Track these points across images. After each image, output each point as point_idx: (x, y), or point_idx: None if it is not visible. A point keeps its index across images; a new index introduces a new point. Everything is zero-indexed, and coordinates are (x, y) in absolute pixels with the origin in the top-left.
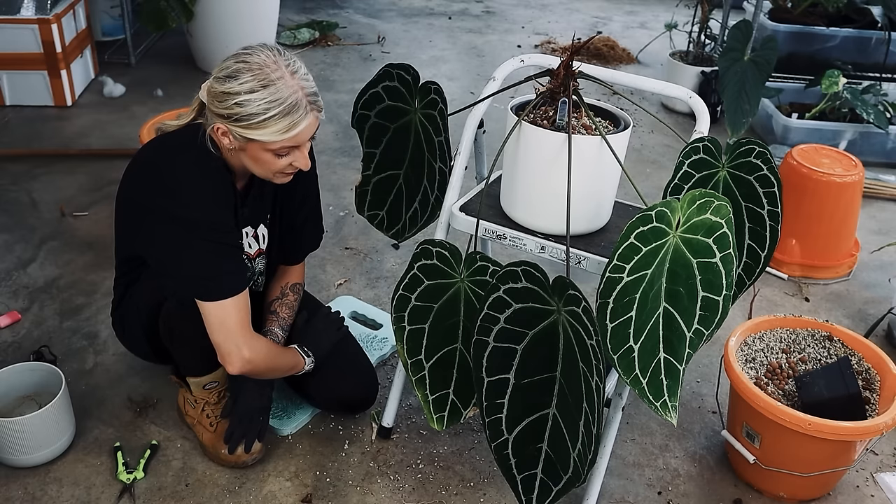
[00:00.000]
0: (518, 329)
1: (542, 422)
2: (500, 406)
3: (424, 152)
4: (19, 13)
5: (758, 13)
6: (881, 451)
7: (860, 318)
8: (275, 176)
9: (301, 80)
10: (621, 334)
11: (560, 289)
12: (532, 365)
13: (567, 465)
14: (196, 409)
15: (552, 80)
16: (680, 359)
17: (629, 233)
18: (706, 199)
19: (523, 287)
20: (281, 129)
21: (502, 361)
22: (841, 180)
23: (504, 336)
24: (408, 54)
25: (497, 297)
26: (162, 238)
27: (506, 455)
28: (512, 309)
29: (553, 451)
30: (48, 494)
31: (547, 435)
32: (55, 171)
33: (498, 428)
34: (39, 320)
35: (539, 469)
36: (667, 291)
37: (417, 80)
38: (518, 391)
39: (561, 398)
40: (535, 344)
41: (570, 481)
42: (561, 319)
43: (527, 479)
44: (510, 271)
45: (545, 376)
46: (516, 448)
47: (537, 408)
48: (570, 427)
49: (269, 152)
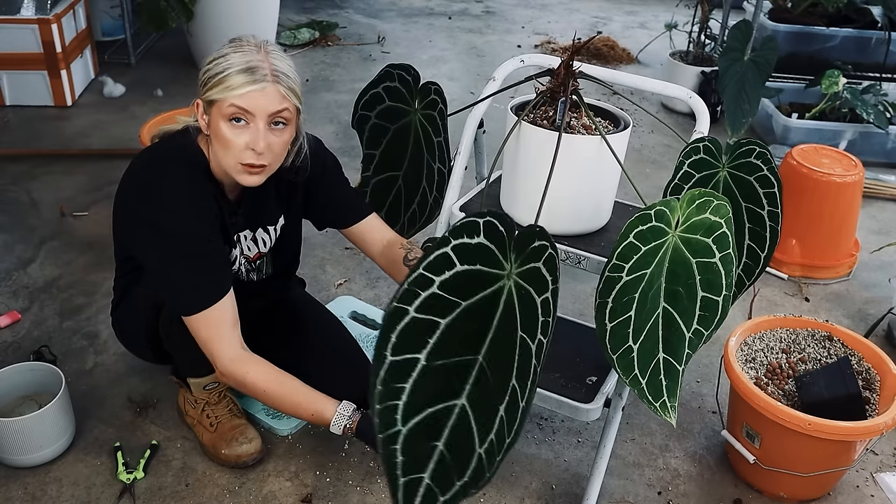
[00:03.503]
0: (451, 298)
1: (444, 414)
2: (398, 392)
3: (424, 153)
4: (19, 13)
5: (758, 13)
6: (881, 451)
7: (860, 318)
8: (237, 168)
9: (274, 60)
10: (620, 334)
11: (524, 242)
12: (453, 345)
13: (465, 468)
14: (196, 409)
15: (552, 80)
16: (679, 359)
17: (628, 232)
18: (705, 198)
19: (477, 244)
20: (233, 84)
21: (418, 338)
22: (841, 180)
23: (431, 306)
24: (408, 54)
25: (441, 255)
26: (141, 243)
27: (393, 451)
28: (454, 271)
29: (450, 451)
30: (48, 494)
31: (447, 431)
32: (55, 171)
33: (391, 417)
34: (39, 320)
35: (427, 474)
36: (666, 291)
37: (418, 81)
38: (426, 375)
39: (477, 384)
40: (464, 318)
41: (465, 487)
42: (508, 286)
43: (409, 485)
44: (470, 223)
45: (464, 359)
46: (407, 445)
47: (444, 397)
48: (484, 417)
49: (226, 122)
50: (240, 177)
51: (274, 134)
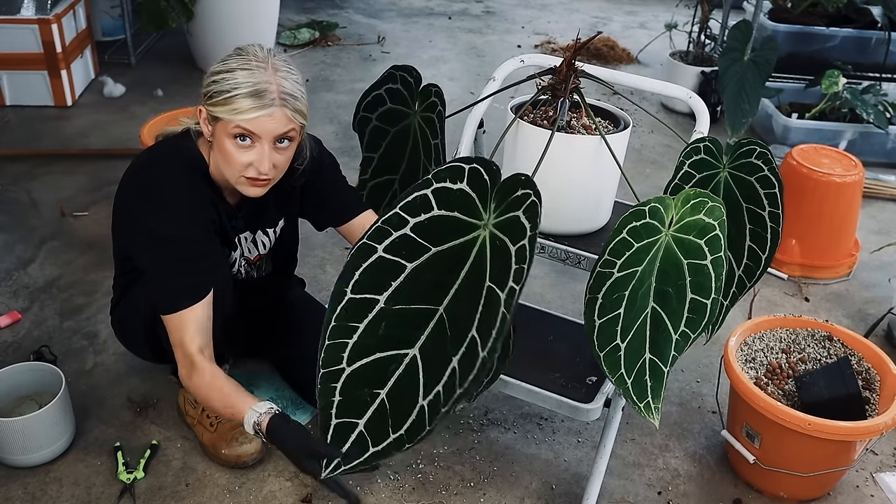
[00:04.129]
0: (422, 242)
1: (393, 362)
2: (351, 330)
3: (421, 156)
4: (19, 13)
5: (758, 13)
6: (881, 451)
7: (860, 318)
8: (240, 181)
9: (282, 78)
10: (608, 331)
11: (507, 191)
12: (416, 291)
13: (404, 421)
14: (196, 409)
15: (553, 79)
16: (665, 360)
17: (622, 227)
18: (700, 199)
19: (459, 190)
20: (241, 108)
21: (380, 279)
22: (841, 180)
23: (400, 247)
24: (408, 54)
25: (420, 197)
26: (134, 242)
27: (331, 389)
28: (429, 215)
29: (391, 402)
30: (48, 494)
31: (392, 380)
32: (55, 171)
33: (338, 354)
34: (39, 320)
35: (362, 420)
36: (656, 291)
37: (420, 83)
38: (381, 319)
39: (432, 336)
40: (431, 265)
41: (400, 441)
42: (482, 237)
43: (341, 428)
44: (455, 167)
45: (424, 307)
46: (347, 386)
47: (396, 344)
48: (434, 368)
49: (229, 139)
50: (242, 188)
51: (278, 151)
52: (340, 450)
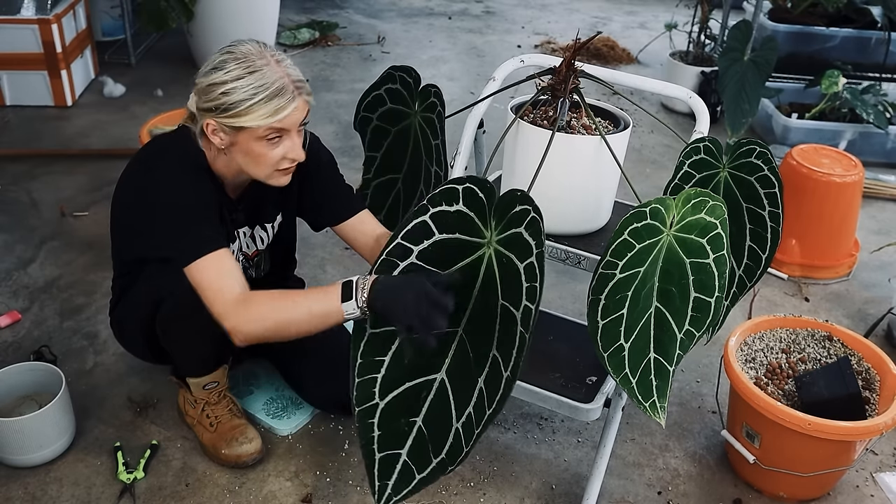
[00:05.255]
0: (429, 269)
1: (423, 389)
2: (377, 365)
3: (422, 156)
4: (19, 13)
5: (758, 13)
6: (881, 451)
7: (860, 318)
8: (273, 175)
9: (287, 67)
10: (612, 332)
11: (506, 208)
12: None
13: (442, 444)
14: (196, 409)
15: (553, 79)
16: (670, 359)
17: (623, 228)
18: (701, 198)
19: (456, 212)
20: (267, 112)
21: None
22: (841, 180)
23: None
24: (408, 54)
25: (420, 224)
26: (146, 227)
27: (369, 425)
28: (432, 240)
29: (428, 427)
30: (48, 494)
31: (425, 407)
32: (55, 171)
33: (369, 391)
34: (39, 320)
35: (404, 450)
36: (659, 290)
37: (419, 83)
38: (405, 347)
39: (456, 358)
40: (445, 290)
41: (443, 465)
42: (488, 255)
43: (386, 461)
44: (449, 189)
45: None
46: (384, 419)
47: (423, 371)
48: (462, 390)
49: (260, 141)
50: (274, 180)
51: (300, 136)
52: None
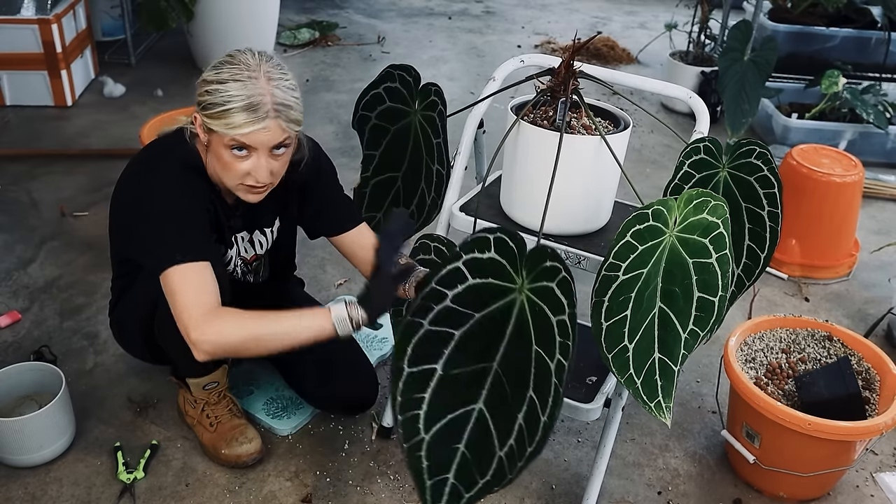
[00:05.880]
0: (464, 311)
1: (464, 419)
2: (419, 402)
3: (423, 154)
4: (19, 13)
5: (758, 13)
6: (881, 451)
7: (860, 318)
8: (239, 188)
9: (275, 87)
10: (616, 333)
11: (536, 260)
12: (467, 354)
13: (487, 468)
14: (196, 409)
15: (553, 80)
16: (675, 359)
17: (625, 231)
18: (703, 198)
19: (489, 259)
20: (235, 123)
21: (432, 349)
22: (841, 180)
23: (444, 318)
24: (408, 54)
25: (453, 270)
26: (135, 232)
27: (418, 458)
28: (465, 285)
29: (472, 453)
30: (48, 494)
31: (467, 434)
32: (55, 171)
33: (414, 426)
34: (39, 320)
35: (451, 474)
36: (662, 291)
37: (418, 82)
38: (444, 384)
39: (493, 391)
40: (478, 329)
41: (488, 485)
42: (520, 300)
43: (436, 486)
44: (481, 238)
45: (479, 367)
46: (431, 450)
47: (462, 403)
48: (502, 422)
49: (226, 149)
50: (241, 195)
51: (274, 159)
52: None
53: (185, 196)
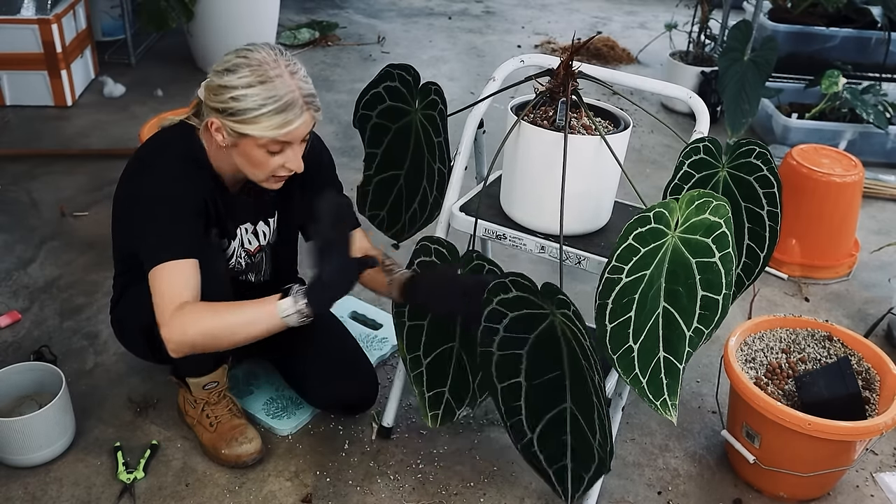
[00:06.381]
0: (519, 335)
1: (561, 416)
2: (517, 409)
3: (424, 153)
4: (19, 13)
5: (758, 13)
6: (881, 451)
7: (860, 318)
8: (267, 180)
9: (300, 80)
10: (620, 335)
11: (549, 294)
12: (540, 366)
13: (592, 455)
14: (196, 409)
15: (552, 80)
16: (680, 358)
17: (627, 234)
18: (705, 199)
19: (514, 296)
20: (274, 125)
21: (511, 367)
22: (841, 180)
23: (507, 343)
24: (408, 54)
25: (492, 311)
26: (135, 220)
27: (533, 453)
28: (508, 318)
29: (576, 443)
30: (48, 494)
31: (568, 427)
32: (55, 171)
33: (521, 429)
34: (39, 320)
35: (567, 460)
36: (666, 291)
37: (418, 81)
38: (532, 391)
39: (574, 392)
40: (538, 346)
41: (598, 469)
42: (558, 320)
43: (559, 471)
44: (500, 284)
45: (554, 374)
46: (541, 444)
47: (554, 404)
48: (588, 419)
49: (260, 149)
50: (267, 185)
51: (302, 147)
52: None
53: (179, 190)
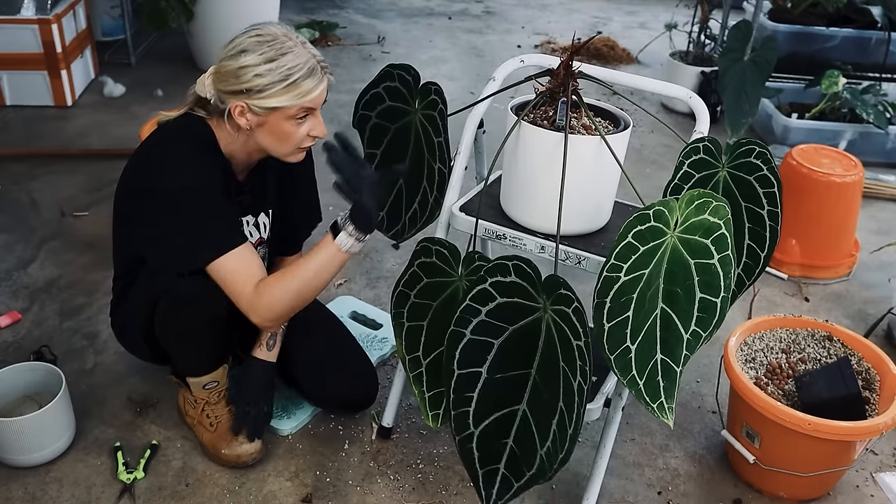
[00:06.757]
0: (499, 324)
1: (510, 418)
2: (468, 400)
3: (424, 153)
4: (19, 13)
5: (758, 13)
6: (881, 451)
7: (860, 318)
8: (293, 152)
9: (309, 49)
10: (618, 335)
11: (551, 287)
12: (508, 361)
13: (532, 462)
14: (196, 409)
15: (552, 80)
16: (677, 360)
17: (627, 232)
18: (704, 199)
19: (511, 282)
20: (302, 92)
21: (477, 355)
22: (841, 180)
23: (483, 329)
24: (408, 54)
25: (482, 290)
26: (150, 217)
27: (469, 449)
28: (496, 303)
29: (518, 448)
30: (48, 494)
31: (514, 431)
32: (55, 171)
33: (464, 421)
34: (39, 320)
35: (502, 465)
36: (664, 292)
37: (418, 81)
38: (489, 386)
39: (534, 396)
40: (513, 340)
41: (533, 478)
42: (546, 318)
43: (488, 475)
44: (500, 264)
45: (520, 373)
46: (481, 443)
47: (507, 403)
48: (541, 425)
49: (289, 121)
50: (292, 158)
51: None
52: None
53: (203, 179)
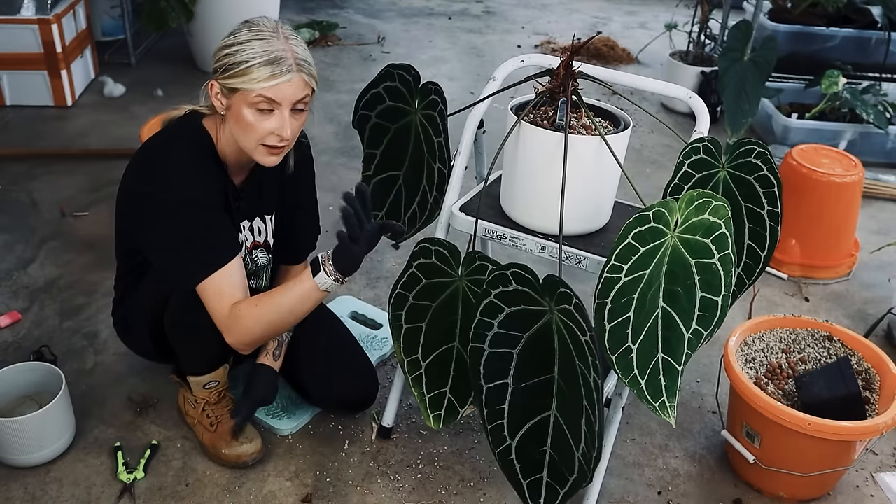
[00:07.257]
0: (512, 333)
1: (543, 424)
2: (501, 412)
3: (424, 153)
4: (19, 13)
5: (758, 13)
6: (881, 451)
7: (860, 318)
8: (258, 149)
9: (294, 45)
10: (619, 335)
11: (550, 288)
12: (529, 368)
13: (572, 467)
14: (196, 409)
15: (552, 80)
16: (678, 359)
17: (627, 233)
18: (704, 199)
19: (514, 290)
20: (262, 76)
21: (499, 367)
22: (841, 180)
23: (499, 341)
24: (408, 54)
25: (489, 303)
26: (145, 219)
27: (510, 461)
28: (504, 313)
29: (557, 454)
30: (48, 494)
31: (550, 437)
32: (55, 171)
33: (500, 434)
34: (39, 320)
35: (545, 473)
36: (665, 292)
37: (418, 81)
38: (517, 395)
39: (560, 399)
40: (530, 346)
41: (577, 482)
42: (554, 319)
43: (533, 484)
44: (500, 275)
45: (543, 378)
46: (520, 453)
47: (538, 410)
48: (573, 427)
49: (249, 108)
50: (259, 157)
51: (294, 118)
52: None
53: (199, 192)
